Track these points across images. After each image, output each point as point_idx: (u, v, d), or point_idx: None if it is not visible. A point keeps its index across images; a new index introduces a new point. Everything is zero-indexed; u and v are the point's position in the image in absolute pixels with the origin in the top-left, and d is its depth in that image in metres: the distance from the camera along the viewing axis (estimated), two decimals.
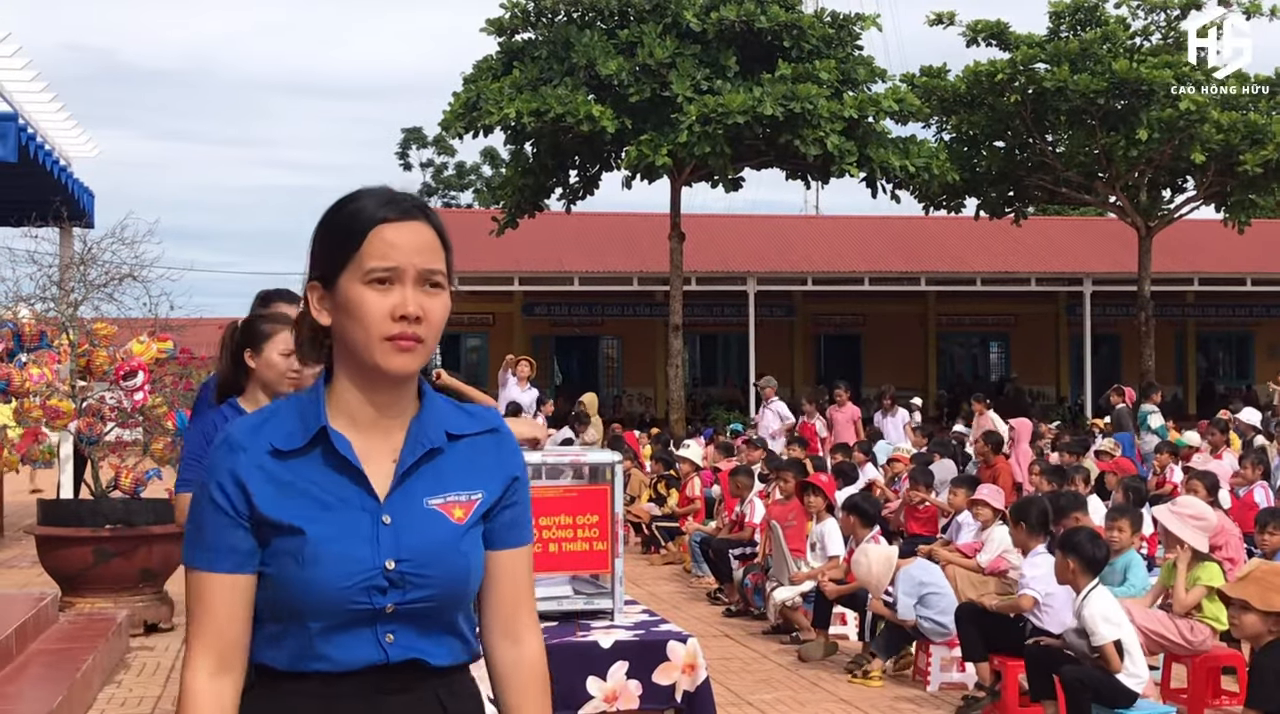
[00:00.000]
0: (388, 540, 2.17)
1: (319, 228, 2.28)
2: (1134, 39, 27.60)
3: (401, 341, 2.16)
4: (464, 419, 2.32)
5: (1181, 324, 39.43)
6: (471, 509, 2.25)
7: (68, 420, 10.68)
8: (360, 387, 2.23)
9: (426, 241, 2.22)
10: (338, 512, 2.17)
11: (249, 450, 2.19)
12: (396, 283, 2.17)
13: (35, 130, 12.32)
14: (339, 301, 2.20)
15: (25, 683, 7.39)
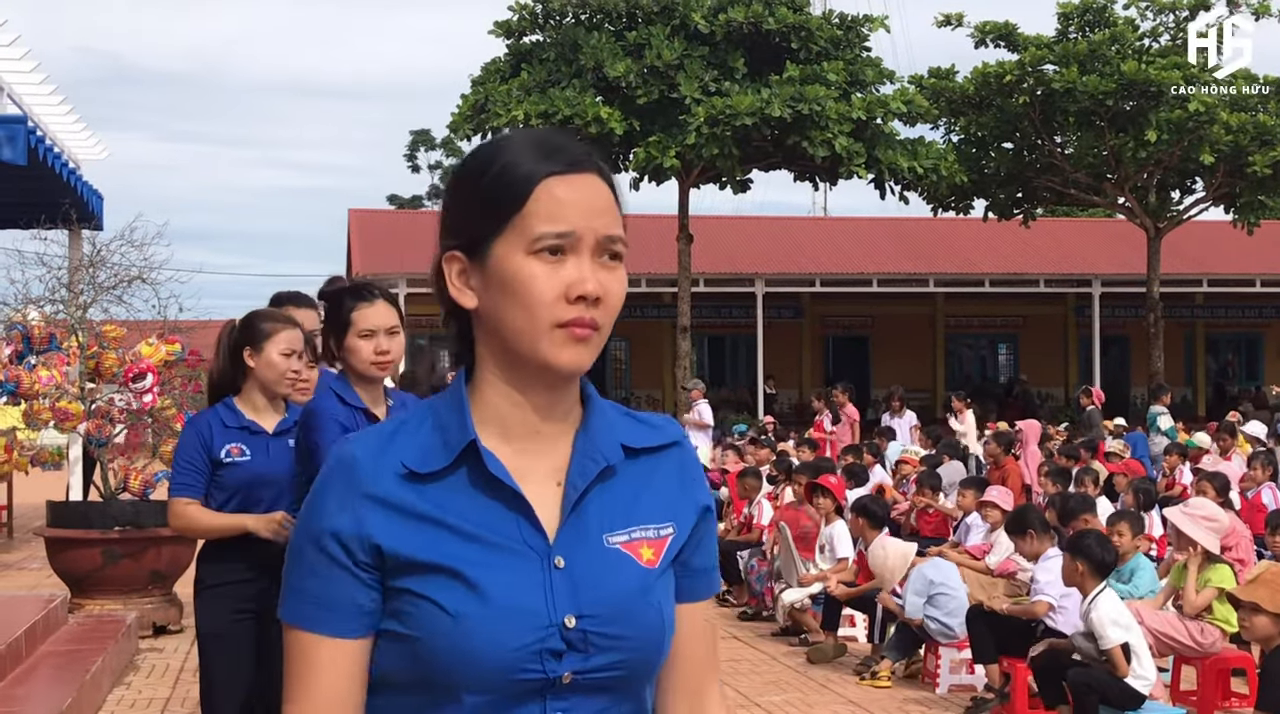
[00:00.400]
0: (564, 590, 1.68)
1: (460, 180, 1.76)
2: (1143, 40, 27.58)
3: (577, 329, 1.67)
4: (640, 429, 1.81)
5: (1191, 325, 39.37)
6: (663, 548, 1.77)
7: (77, 422, 10.69)
8: (516, 387, 1.73)
9: (605, 201, 1.71)
10: (498, 552, 1.68)
11: (374, 474, 1.68)
12: (570, 253, 1.67)
13: (45, 133, 12.33)
14: (491, 276, 1.69)
15: (35, 684, 7.41)
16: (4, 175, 11.71)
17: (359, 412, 4.46)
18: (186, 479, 4.94)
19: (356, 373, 4.50)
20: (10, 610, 8.58)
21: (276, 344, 4.94)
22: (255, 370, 4.94)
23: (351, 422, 4.46)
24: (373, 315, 4.47)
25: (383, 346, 4.46)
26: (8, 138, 11.08)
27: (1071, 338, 38.92)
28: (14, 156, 11.01)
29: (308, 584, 1.70)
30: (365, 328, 4.44)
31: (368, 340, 4.44)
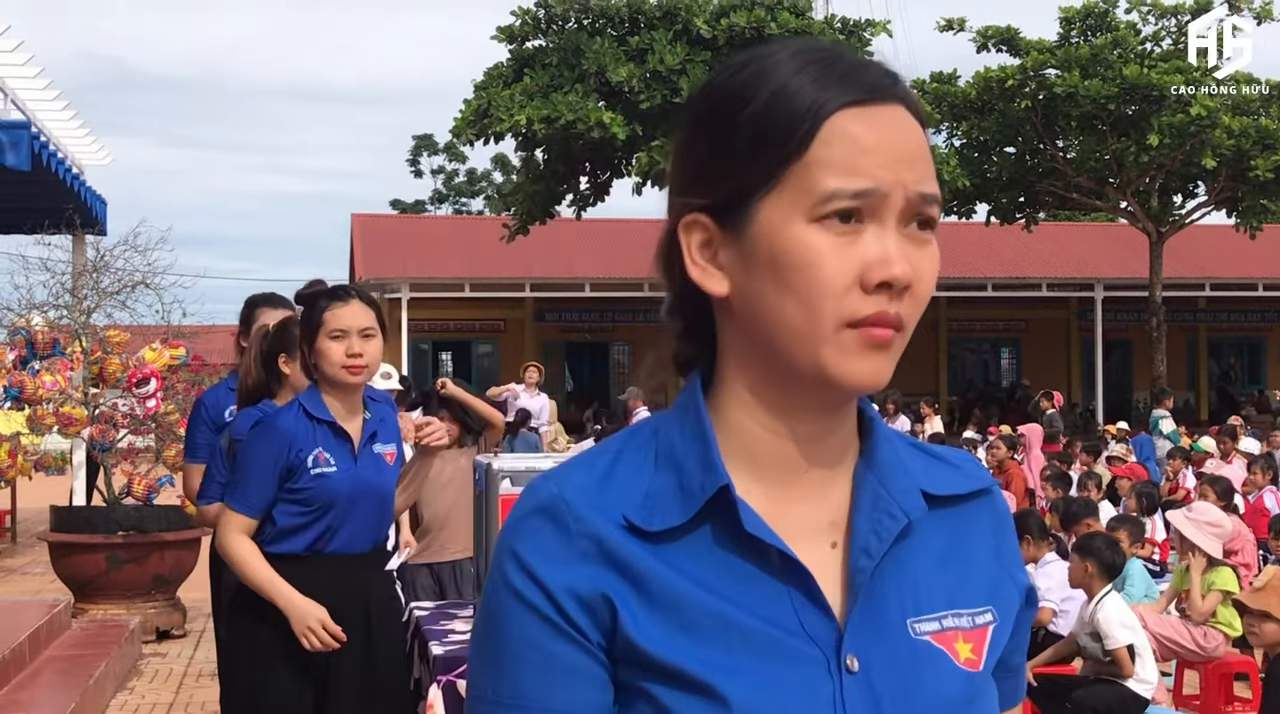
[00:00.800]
0: (861, 705, 1.17)
1: (707, 111, 1.23)
2: (1144, 44, 27.58)
3: (876, 330, 1.18)
4: (941, 470, 1.31)
5: (1193, 330, 39.36)
6: (984, 641, 1.25)
7: (81, 427, 10.71)
8: (778, 408, 1.23)
9: (918, 144, 1.21)
10: (765, 650, 1.16)
11: (596, 526, 1.18)
12: (870, 220, 1.18)
13: (48, 138, 12.35)
14: (753, 251, 1.19)
15: (38, 689, 7.42)
16: (8, 180, 11.73)
17: (323, 425, 4.23)
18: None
19: (328, 379, 4.25)
20: (13, 615, 8.60)
21: None
22: (291, 377, 4.80)
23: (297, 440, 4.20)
24: (345, 315, 4.20)
25: (355, 349, 4.18)
26: (11, 143, 11.10)
27: (1074, 342, 38.93)
28: (18, 162, 11.03)
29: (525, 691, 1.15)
30: (336, 328, 4.19)
31: (339, 342, 4.19)
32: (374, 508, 4.35)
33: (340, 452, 4.27)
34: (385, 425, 4.45)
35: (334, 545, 4.26)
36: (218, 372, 12.09)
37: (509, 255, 30.44)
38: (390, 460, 4.42)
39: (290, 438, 4.21)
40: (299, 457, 4.21)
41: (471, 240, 34.79)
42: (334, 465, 4.25)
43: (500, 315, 35.68)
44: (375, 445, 4.37)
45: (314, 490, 4.22)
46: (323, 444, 4.25)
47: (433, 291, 32.18)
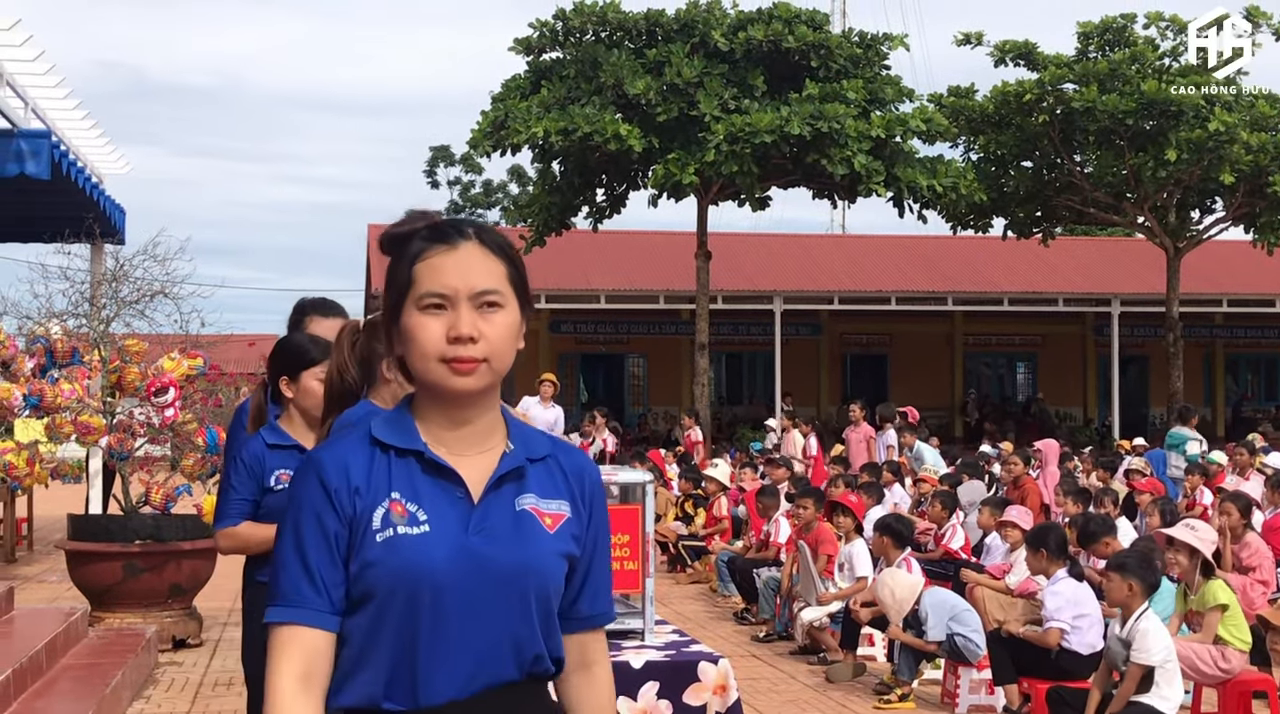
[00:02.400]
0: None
1: None
2: (1162, 60, 27.56)
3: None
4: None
5: (1210, 345, 39.25)
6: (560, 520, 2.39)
7: (99, 436, 10.74)
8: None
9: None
10: None
11: None
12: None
13: (68, 147, 12.41)
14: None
15: (55, 698, 7.42)
16: (28, 189, 11.78)
17: None
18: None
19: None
20: (31, 623, 8.61)
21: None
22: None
23: None
24: None
25: None
26: (32, 152, 11.15)
27: (1090, 357, 38.85)
28: (38, 171, 11.08)
29: None
30: None
31: None
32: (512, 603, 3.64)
33: None
34: None
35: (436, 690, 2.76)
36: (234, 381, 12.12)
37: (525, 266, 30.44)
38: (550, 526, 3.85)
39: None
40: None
41: None
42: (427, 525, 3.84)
43: None
44: None
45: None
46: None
47: None
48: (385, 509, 2.19)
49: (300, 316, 5.08)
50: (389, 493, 2.19)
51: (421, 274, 2.23)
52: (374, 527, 2.17)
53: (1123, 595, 7.01)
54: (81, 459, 12.67)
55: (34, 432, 11.60)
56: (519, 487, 2.28)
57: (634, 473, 4.91)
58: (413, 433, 2.23)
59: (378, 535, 2.16)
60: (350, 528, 2.19)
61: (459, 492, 2.22)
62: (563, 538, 2.28)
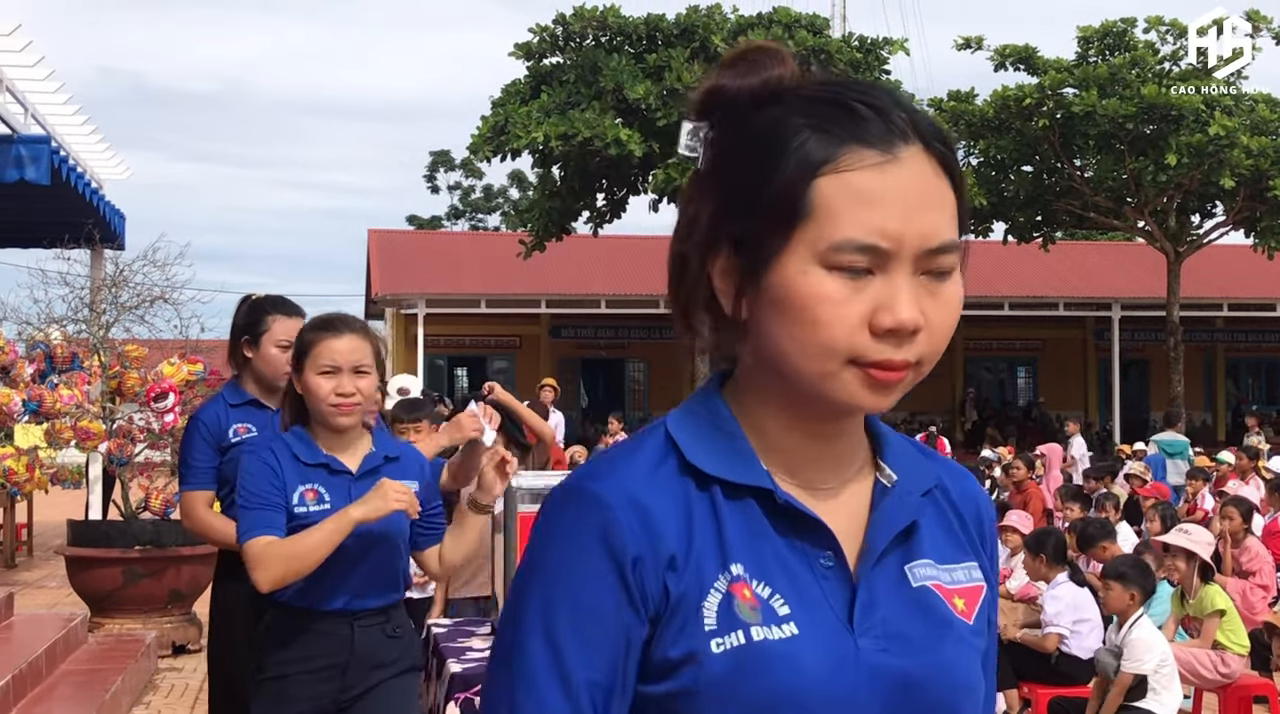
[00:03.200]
0: None
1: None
2: (1163, 64, 27.56)
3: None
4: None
5: (1211, 350, 39.24)
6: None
7: (98, 441, 10.73)
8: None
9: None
10: None
11: None
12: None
13: (68, 153, 12.39)
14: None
15: (55, 703, 7.42)
16: (27, 195, 11.76)
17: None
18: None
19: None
20: (30, 629, 8.60)
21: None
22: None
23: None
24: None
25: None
26: (31, 157, 11.13)
27: (1091, 361, 38.84)
28: (38, 176, 11.06)
29: None
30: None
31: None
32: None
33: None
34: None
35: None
36: None
37: (525, 272, 30.48)
38: None
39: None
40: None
41: (488, 256, 34.84)
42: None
43: (516, 331, 35.71)
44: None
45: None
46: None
47: (449, 307, 32.23)
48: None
49: (260, 315, 4.92)
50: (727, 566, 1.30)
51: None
52: (706, 624, 1.27)
53: (1124, 604, 7.01)
54: (81, 464, 12.66)
55: (34, 437, 11.59)
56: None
57: None
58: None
59: (714, 641, 1.27)
60: (653, 625, 1.29)
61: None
62: (980, 629, 1.39)
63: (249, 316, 4.89)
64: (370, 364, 3.94)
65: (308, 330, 4.03)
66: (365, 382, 3.92)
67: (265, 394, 4.83)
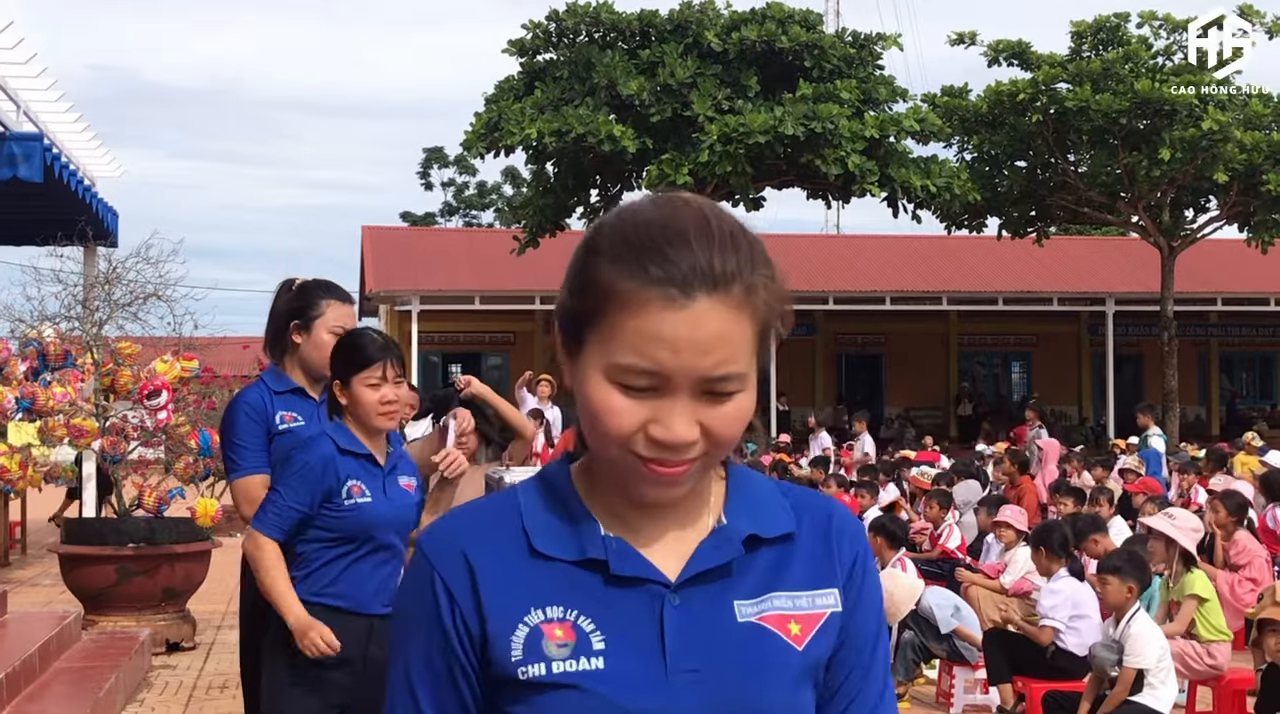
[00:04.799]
0: None
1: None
2: (1156, 59, 27.59)
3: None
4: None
5: (1205, 344, 39.29)
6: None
7: (92, 439, 10.72)
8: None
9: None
10: None
11: None
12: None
13: (61, 150, 12.37)
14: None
15: (48, 701, 7.41)
16: (20, 192, 11.74)
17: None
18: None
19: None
20: (24, 627, 8.59)
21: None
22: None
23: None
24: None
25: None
26: (24, 155, 11.11)
27: (1085, 356, 38.87)
28: (30, 174, 11.04)
29: None
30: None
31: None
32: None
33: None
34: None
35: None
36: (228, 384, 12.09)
37: (519, 268, 30.48)
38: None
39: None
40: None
41: (482, 253, 34.84)
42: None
43: (510, 328, 35.71)
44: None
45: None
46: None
47: (443, 304, 32.23)
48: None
49: (313, 299, 4.74)
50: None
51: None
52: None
53: (1122, 598, 7.02)
54: (74, 463, 12.64)
55: (27, 435, 11.57)
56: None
57: None
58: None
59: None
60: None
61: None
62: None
63: (299, 300, 4.74)
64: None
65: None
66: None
67: (310, 383, 4.72)
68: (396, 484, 4.35)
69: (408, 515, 4.37)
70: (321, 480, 4.22)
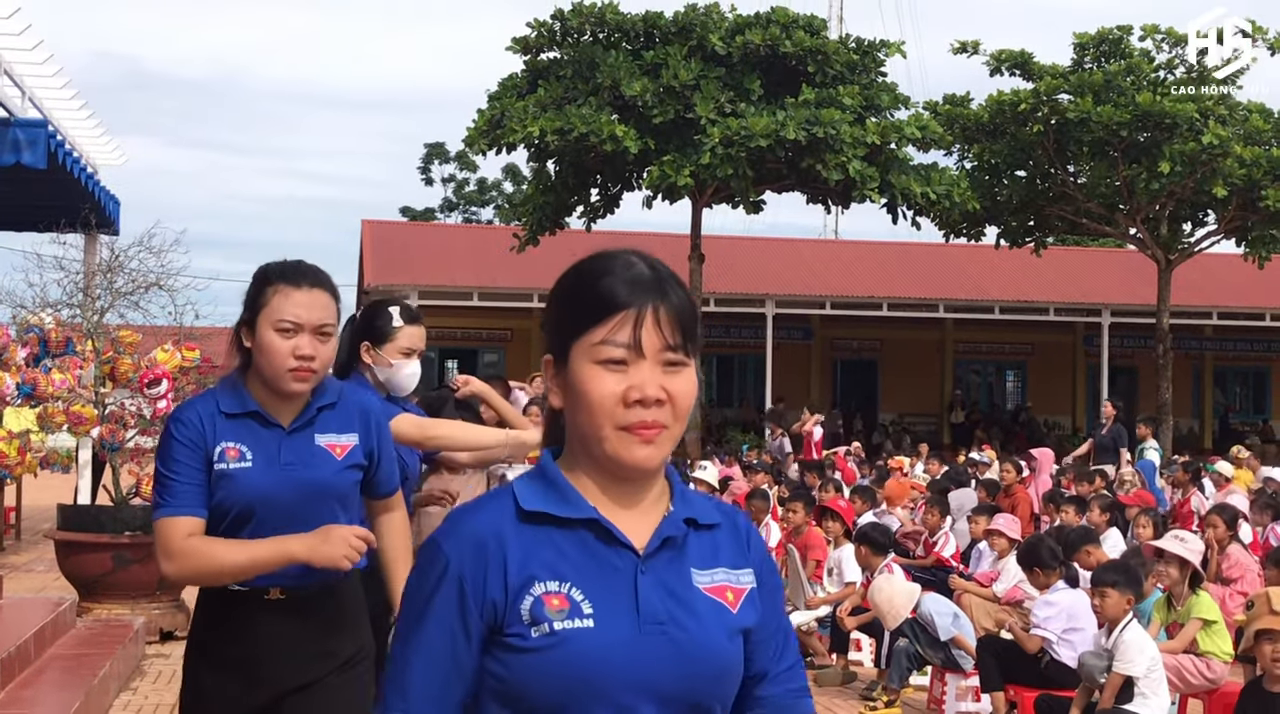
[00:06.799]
0: None
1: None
2: (1158, 72, 27.63)
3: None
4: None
5: (1199, 358, 39.35)
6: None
7: (90, 426, 10.73)
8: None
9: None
10: None
11: None
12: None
13: (64, 137, 12.38)
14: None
15: (42, 688, 7.42)
16: (24, 179, 11.75)
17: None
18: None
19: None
20: (18, 613, 8.61)
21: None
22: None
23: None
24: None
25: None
26: (28, 141, 11.12)
27: (1079, 367, 38.91)
28: (34, 160, 11.05)
29: None
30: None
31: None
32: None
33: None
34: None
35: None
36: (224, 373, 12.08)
37: (518, 265, 30.48)
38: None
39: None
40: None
41: (481, 249, 34.83)
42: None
43: (508, 325, 35.71)
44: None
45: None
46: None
47: (441, 300, 32.22)
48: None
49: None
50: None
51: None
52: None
53: (1120, 610, 7.06)
54: (70, 449, 12.65)
55: (26, 421, 11.58)
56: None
57: None
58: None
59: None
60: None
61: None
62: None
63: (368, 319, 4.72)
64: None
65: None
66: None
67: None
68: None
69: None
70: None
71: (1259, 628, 5.91)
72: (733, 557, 2.00)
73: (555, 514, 1.90)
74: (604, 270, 1.96)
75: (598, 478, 1.94)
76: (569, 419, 1.94)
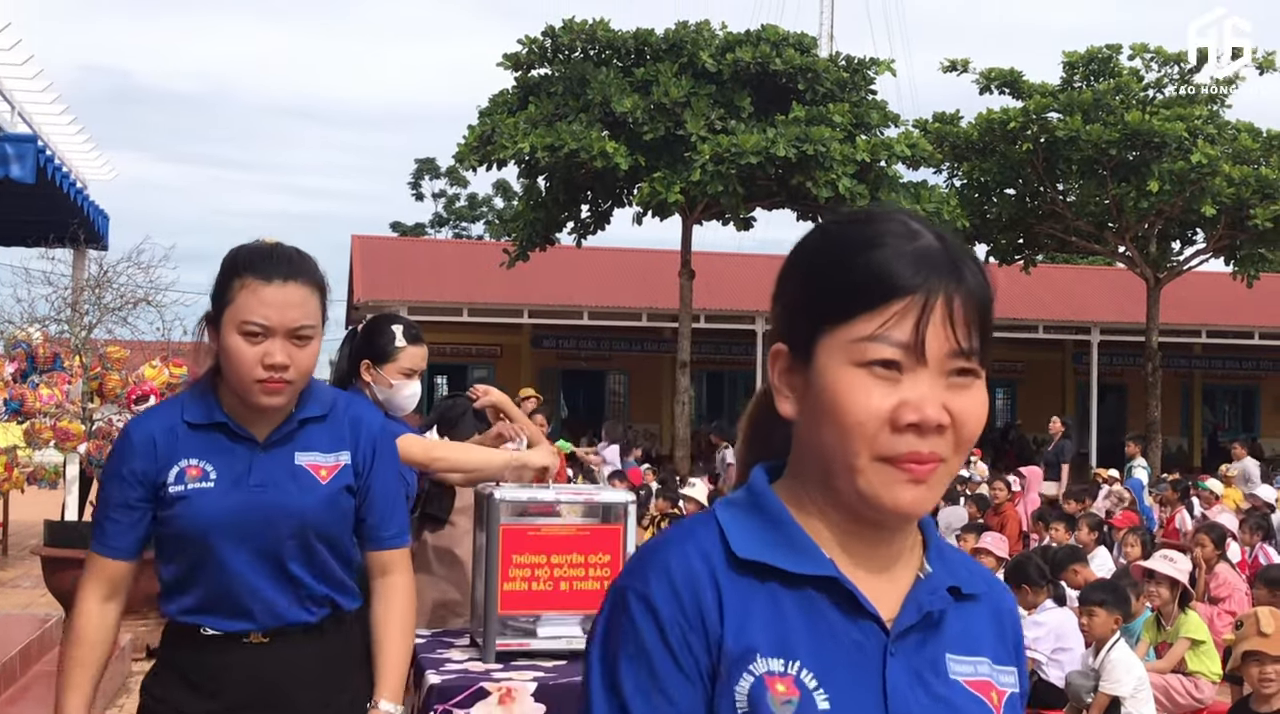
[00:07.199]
0: None
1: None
2: (1147, 91, 27.74)
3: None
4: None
5: (1188, 376, 39.43)
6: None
7: (78, 442, 10.70)
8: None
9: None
10: None
11: None
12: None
13: (53, 152, 12.38)
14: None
15: (28, 705, 7.39)
16: (12, 193, 11.74)
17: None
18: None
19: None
20: (4, 629, 8.58)
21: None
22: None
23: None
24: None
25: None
26: (17, 156, 11.12)
27: (1069, 385, 38.97)
28: (23, 175, 11.04)
29: None
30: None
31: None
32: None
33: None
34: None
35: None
36: None
37: (508, 281, 30.49)
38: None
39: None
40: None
41: (471, 265, 34.84)
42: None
43: (497, 340, 35.70)
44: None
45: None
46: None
47: (430, 315, 32.22)
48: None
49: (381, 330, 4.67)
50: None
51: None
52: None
53: (1109, 629, 7.06)
54: (59, 465, 12.62)
55: (13, 437, 11.55)
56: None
57: (616, 493, 4.88)
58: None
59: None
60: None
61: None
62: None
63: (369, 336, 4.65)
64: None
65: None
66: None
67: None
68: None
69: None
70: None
71: (1246, 649, 5.90)
72: (994, 645, 1.50)
73: (782, 567, 1.41)
74: (874, 238, 1.43)
75: (838, 519, 1.45)
76: (805, 435, 1.45)
